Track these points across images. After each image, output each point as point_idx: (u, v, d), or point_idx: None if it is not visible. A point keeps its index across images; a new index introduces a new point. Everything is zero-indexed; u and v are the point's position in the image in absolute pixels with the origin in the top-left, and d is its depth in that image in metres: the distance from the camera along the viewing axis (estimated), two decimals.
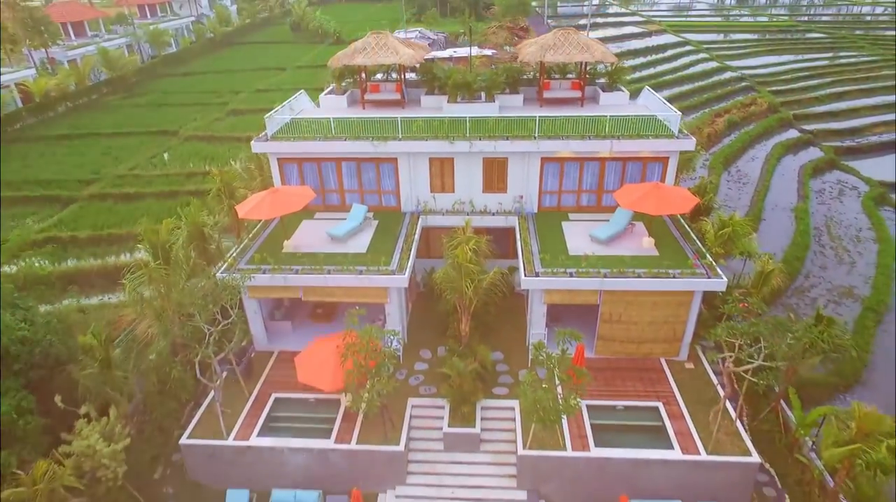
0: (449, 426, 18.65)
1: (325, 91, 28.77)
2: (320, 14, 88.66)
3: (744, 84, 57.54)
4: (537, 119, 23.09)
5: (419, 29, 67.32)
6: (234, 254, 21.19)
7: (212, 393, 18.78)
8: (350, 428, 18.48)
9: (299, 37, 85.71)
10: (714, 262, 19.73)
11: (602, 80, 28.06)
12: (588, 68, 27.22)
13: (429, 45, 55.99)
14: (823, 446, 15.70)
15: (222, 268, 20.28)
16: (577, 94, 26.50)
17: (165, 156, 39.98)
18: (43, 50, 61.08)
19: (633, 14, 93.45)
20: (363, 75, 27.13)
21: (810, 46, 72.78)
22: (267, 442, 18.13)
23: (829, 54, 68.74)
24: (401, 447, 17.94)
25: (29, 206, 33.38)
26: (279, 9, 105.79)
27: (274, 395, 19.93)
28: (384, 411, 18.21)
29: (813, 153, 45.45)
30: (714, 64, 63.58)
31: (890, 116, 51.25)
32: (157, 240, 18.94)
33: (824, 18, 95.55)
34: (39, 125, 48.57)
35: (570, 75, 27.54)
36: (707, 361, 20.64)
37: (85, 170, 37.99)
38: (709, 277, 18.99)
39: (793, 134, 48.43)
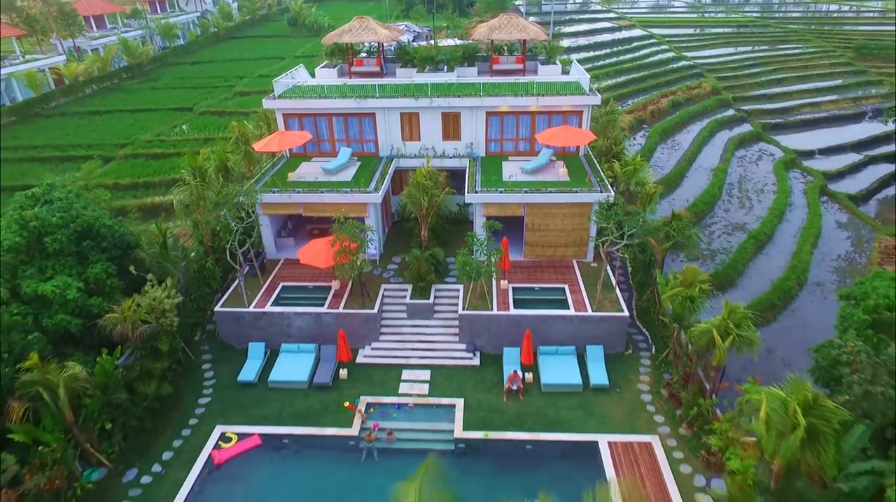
0: (410, 299, 25.62)
1: (320, 66, 35.65)
2: (315, 10, 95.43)
3: (694, 71, 64.57)
4: (481, 83, 30.07)
5: (406, 23, 74.20)
6: (252, 182, 28.13)
7: (237, 279, 25.67)
8: (338, 301, 25.42)
9: (296, 31, 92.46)
10: (607, 182, 26.70)
11: (542, 57, 35.04)
12: (529, 47, 34.20)
13: (414, 37, 63.02)
14: (665, 295, 22.61)
15: (243, 191, 27.15)
16: (520, 66, 33.42)
17: (185, 126, 46.86)
18: (70, 39, 68.04)
19: (608, 11, 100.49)
20: (349, 52, 34.02)
21: (763, 39, 79.92)
22: (277, 309, 25.03)
23: (780, 46, 75.86)
24: (375, 311, 24.88)
25: (74, 163, 40.14)
26: (277, 6, 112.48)
27: (282, 284, 26.84)
28: (363, 287, 25.15)
29: (746, 128, 52.47)
30: (671, 54, 70.53)
31: (817, 99, 58.58)
32: (195, 164, 25.78)
33: (794, 15, 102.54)
34: (72, 103, 55.51)
35: (515, 52, 34.52)
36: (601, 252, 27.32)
37: (118, 136, 44.92)
38: (600, 192, 25.99)
39: (730, 112, 55.50)
